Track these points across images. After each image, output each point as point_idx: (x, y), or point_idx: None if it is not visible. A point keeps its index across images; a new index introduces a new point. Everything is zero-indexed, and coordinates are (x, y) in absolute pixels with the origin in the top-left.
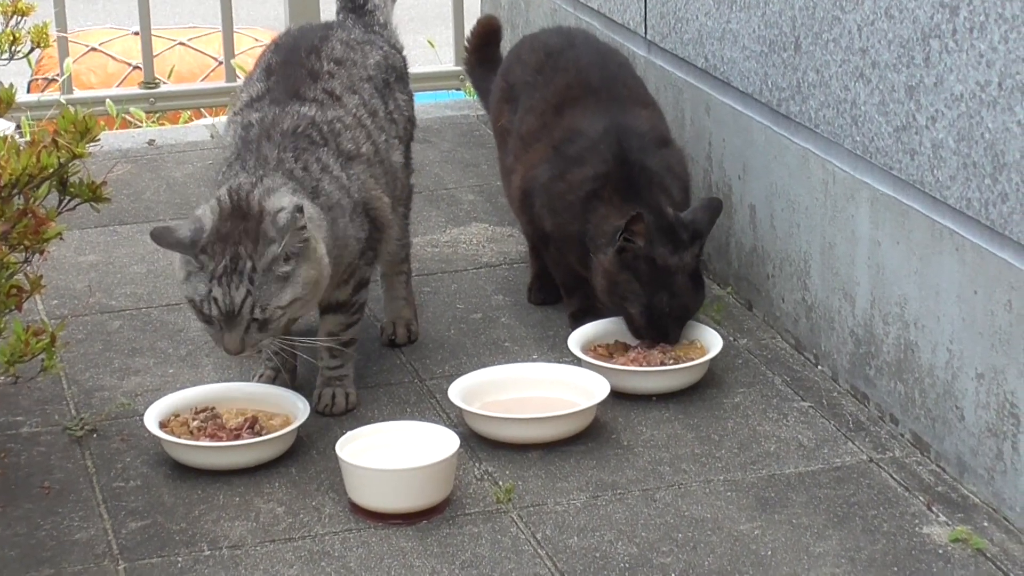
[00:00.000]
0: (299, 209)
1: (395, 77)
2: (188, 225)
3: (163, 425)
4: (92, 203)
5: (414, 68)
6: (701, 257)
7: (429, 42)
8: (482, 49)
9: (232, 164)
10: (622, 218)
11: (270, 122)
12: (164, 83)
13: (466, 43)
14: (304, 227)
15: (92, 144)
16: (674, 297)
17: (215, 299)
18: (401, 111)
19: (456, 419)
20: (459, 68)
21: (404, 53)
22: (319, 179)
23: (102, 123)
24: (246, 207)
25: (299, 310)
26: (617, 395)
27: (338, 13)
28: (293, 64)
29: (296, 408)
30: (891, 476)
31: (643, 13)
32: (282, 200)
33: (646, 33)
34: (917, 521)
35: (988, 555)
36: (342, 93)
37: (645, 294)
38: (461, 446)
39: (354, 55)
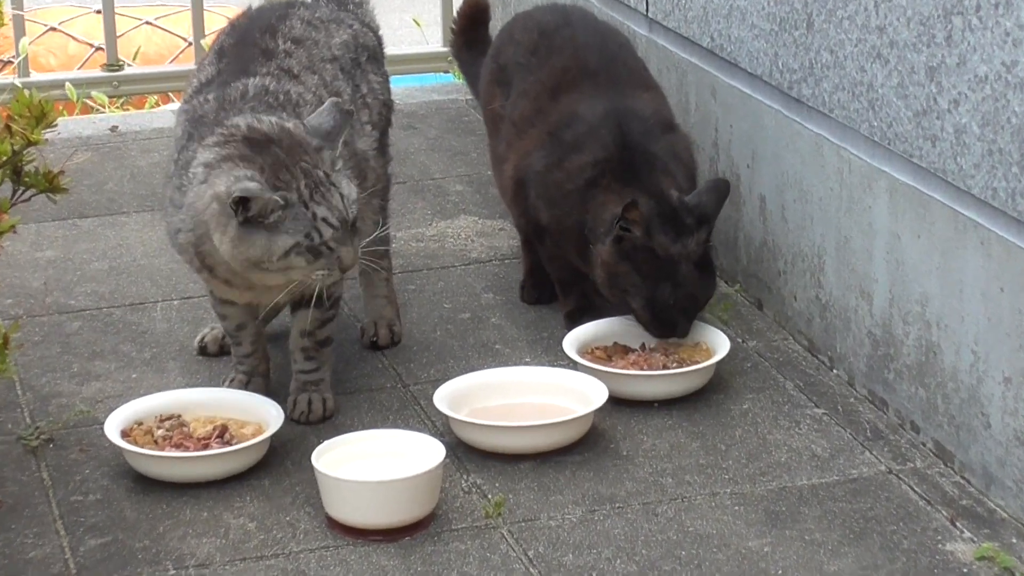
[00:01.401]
0: (342, 110)
1: (367, 57)
2: (235, 183)
3: (125, 434)
4: (49, 194)
5: (399, 49)
6: (710, 243)
7: (415, 21)
8: (469, 30)
9: (185, 148)
10: (622, 204)
11: (221, 98)
12: (129, 65)
13: (452, 24)
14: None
15: (49, 130)
16: (678, 287)
17: (324, 219)
18: (375, 94)
19: (442, 427)
20: (447, 49)
21: (380, 33)
22: None
23: (61, 108)
24: (263, 133)
25: None
26: (616, 401)
27: None
28: (247, 44)
29: (269, 415)
30: (912, 488)
31: None
32: (292, 121)
33: (647, 10)
34: (940, 537)
35: (1017, 574)
36: (300, 72)
37: (646, 286)
38: (447, 456)
39: (316, 34)
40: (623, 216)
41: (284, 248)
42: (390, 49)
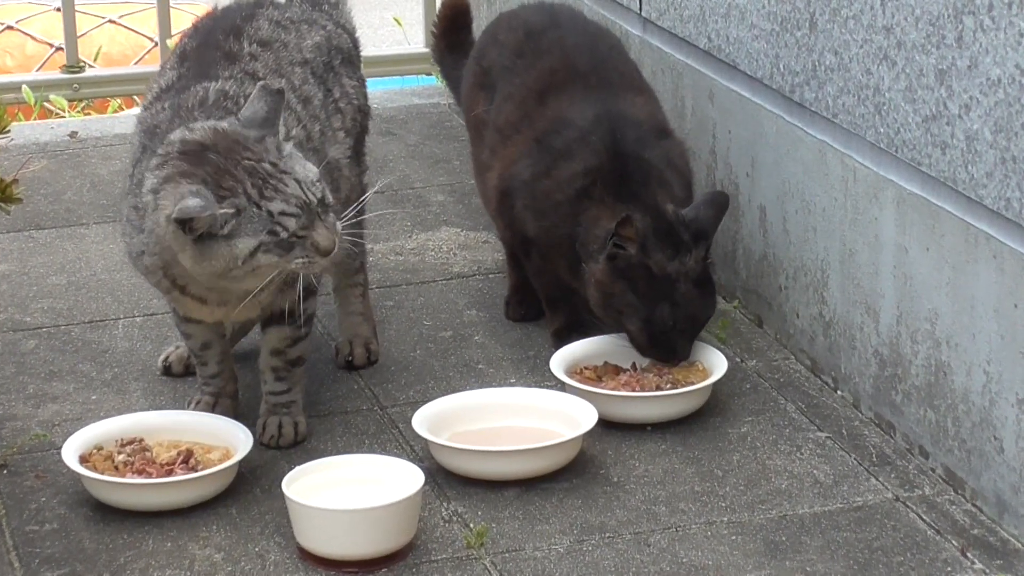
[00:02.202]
0: (276, 90)
1: (341, 60)
2: (181, 200)
3: (84, 459)
4: (2, 204)
5: (378, 50)
6: (709, 259)
7: (396, 20)
8: (450, 33)
9: (139, 162)
10: (616, 219)
11: (176, 106)
12: (90, 66)
13: (433, 27)
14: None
15: (2, 136)
16: (677, 308)
17: (283, 213)
18: (349, 99)
19: (421, 452)
20: (429, 50)
21: (356, 35)
22: None
23: (17, 112)
24: (201, 140)
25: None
26: (606, 424)
27: None
28: (209, 47)
29: (237, 439)
30: (920, 517)
31: None
32: (229, 118)
33: (641, 9)
34: (950, 568)
35: None
36: (265, 76)
37: (643, 307)
38: (427, 483)
39: (285, 36)
40: (616, 232)
41: (247, 252)
42: (369, 50)
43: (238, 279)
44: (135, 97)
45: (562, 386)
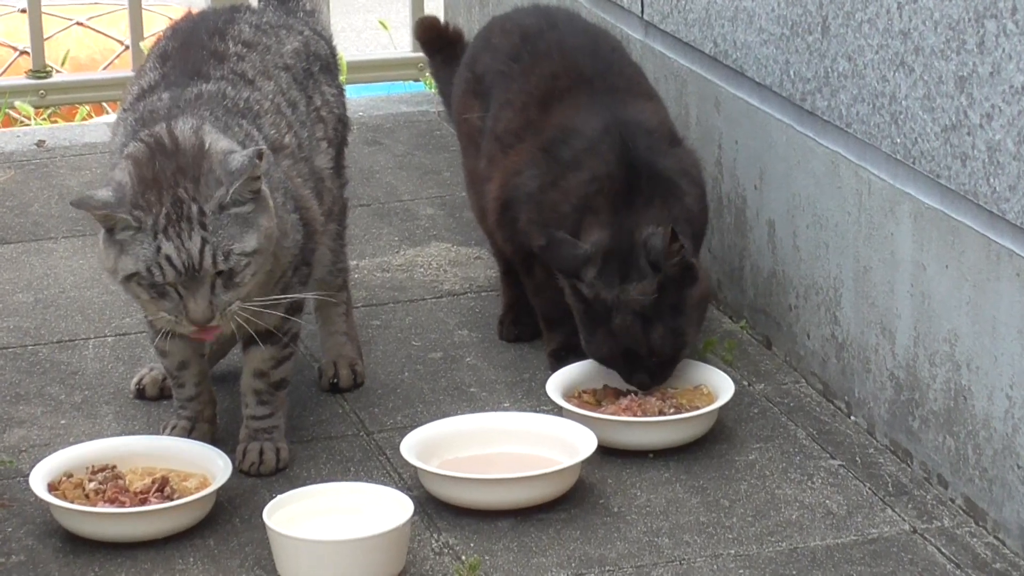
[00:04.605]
0: (259, 155)
1: (319, 67)
2: (106, 186)
3: (53, 487)
4: None
5: (364, 54)
6: (680, 290)
7: (381, 23)
8: (437, 45)
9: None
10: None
11: (170, 100)
12: (58, 71)
13: (417, 37)
14: (259, 177)
15: None
16: (612, 337)
17: (168, 257)
18: (330, 107)
19: (410, 480)
20: (417, 55)
21: (333, 43)
22: (243, 141)
23: None
24: (172, 144)
25: (261, 267)
26: (606, 451)
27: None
28: (194, 47)
29: (215, 466)
30: (939, 550)
31: None
32: (220, 140)
33: (643, 12)
34: None
35: None
36: (255, 77)
37: (584, 330)
38: (416, 513)
39: (267, 39)
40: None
41: (125, 272)
42: (354, 54)
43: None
44: (105, 104)
45: (559, 410)
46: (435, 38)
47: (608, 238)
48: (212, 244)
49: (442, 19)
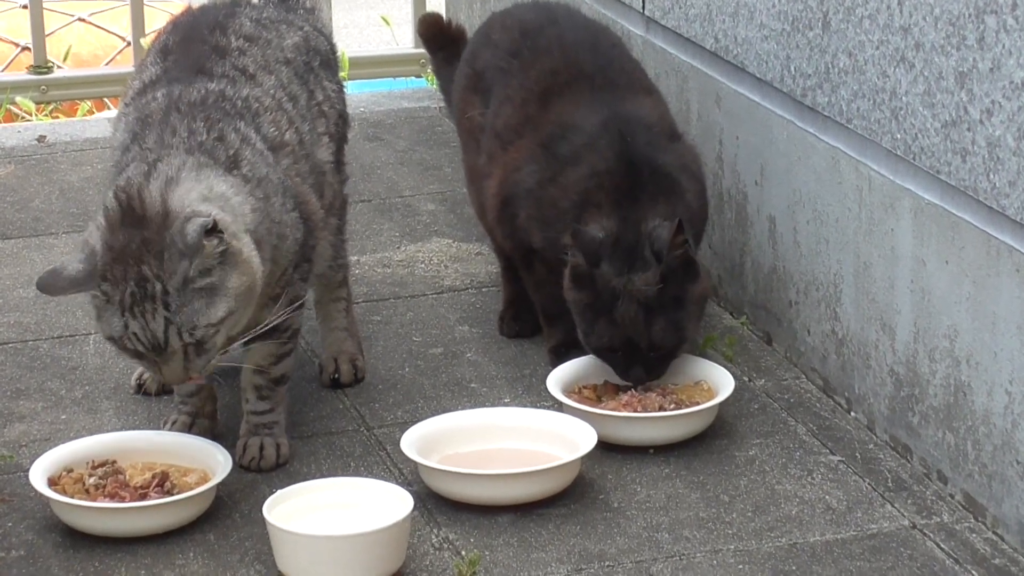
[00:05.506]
0: (212, 227)
1: (319, 62)
2: (77, 256)
3: (53, 482)
4: None
5: (366, 50)
6: (682, 284)
7: (383, 19)
8: (439, 42)
9: (127, 150)
10: (603, 226)
11: (170, 99)
12: (59, 67)
13: (419, 34)
14: (222, 236)
15: None
16: (614, 327)
17: (134, 335)
18: (332, 103)
19: (410, 475)
20: (419, 51)
21: (332, 39)
22: (238, 148)
23: None
24: (140, 209)
25: (237, 323)
26: (606, 446)
27: None
28: (194, 41)
29: (215, 461)
30: (938, 545)
31: None
32: (189, 196)
33: (644, 8)
34: None
35: None
36: (256, 72)
37: (583, 321)
38: (416, 508)
39: (267, 34)
40: (572, 243)
41: (103, 333)
42: (356, 50)
43: None
44: (106, 99)
45: (559, 406)
46: (437, 35)
47: (614, 228)
48: (177, 323)
49: (444, 16)
